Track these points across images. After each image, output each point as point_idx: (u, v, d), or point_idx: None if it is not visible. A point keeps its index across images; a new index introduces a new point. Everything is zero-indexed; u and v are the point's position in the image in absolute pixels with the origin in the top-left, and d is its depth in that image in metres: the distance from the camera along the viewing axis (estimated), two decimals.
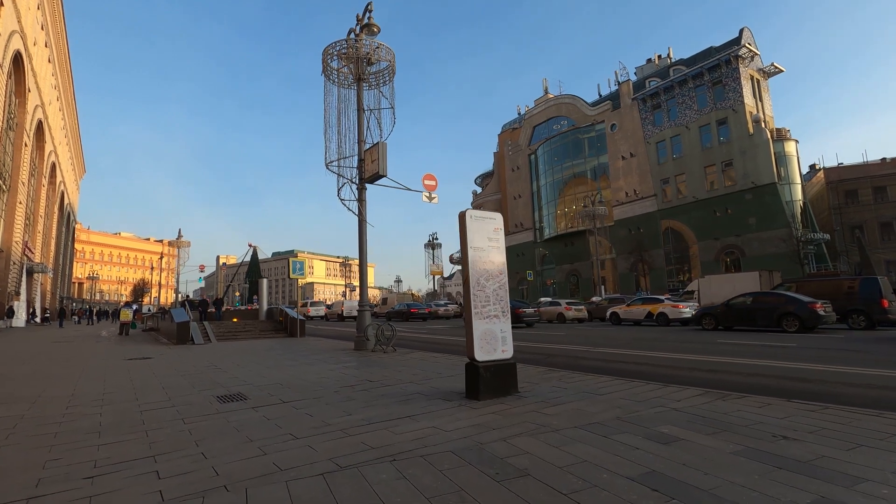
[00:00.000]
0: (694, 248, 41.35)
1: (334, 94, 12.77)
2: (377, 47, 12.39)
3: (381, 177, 11.61)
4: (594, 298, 37.95)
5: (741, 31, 39.89)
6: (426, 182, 13.00)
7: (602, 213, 38.20)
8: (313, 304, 40.89)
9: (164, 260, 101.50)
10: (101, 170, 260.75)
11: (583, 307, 26.89)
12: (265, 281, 20.01)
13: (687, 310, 21.43)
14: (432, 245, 64.34)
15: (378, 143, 11.64)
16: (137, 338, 19.74)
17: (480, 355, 5.55)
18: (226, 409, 5.33)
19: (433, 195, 13.25)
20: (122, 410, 5.40)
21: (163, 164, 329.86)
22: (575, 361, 9.37)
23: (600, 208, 37.61)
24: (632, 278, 45.85)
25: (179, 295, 56.38)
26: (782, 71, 40.84)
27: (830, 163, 53.68)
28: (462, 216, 5.85)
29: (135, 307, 30.93)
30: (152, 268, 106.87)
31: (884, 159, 42.33)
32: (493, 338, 5.75)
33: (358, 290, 12.98)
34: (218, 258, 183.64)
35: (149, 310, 48.99)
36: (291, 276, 19.07)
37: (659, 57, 52.85)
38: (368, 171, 11.81)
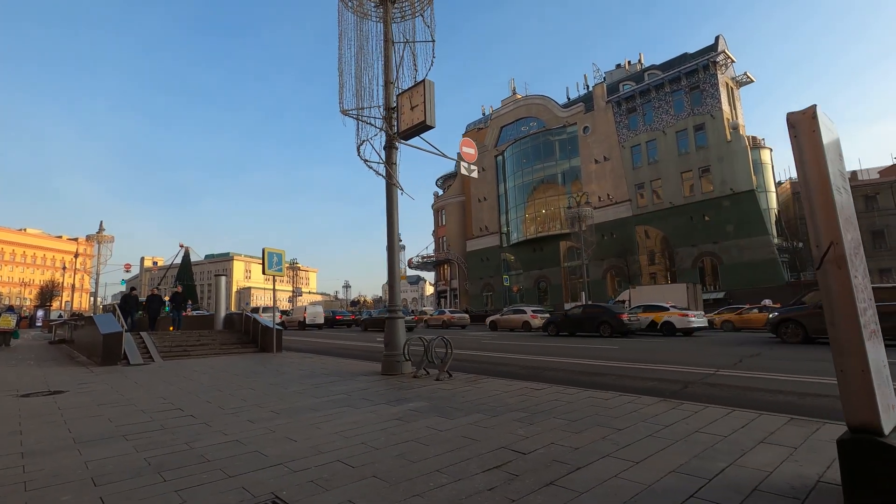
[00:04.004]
0: (670, 255, 40.58)
1: (351, 22, 9.33)
2: None
3: (427, 129, 8.28)
4: (567, 306, 36.41)
5: (717, 39, 39.96)
6: (465, 150, 9.89)
7: (588, 215, 36.28)
8: (265, 309, 35.84)
9: (80, 260, 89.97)
10: (6, 162, 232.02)
11: (548, 315, 25.32)
12: (224, 279, 15.71)
13: (695, 319, 20.11)
14: None
15: (423, 81, 8.29)
16: (41, 354, 14.76)
17: (888, 421, 2.47)
18: None
19: (472, 167, 10.14)
20: None
21: (83, 161, 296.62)
22: (712, 391, 6.48)
23: (586, 209, 35.64)
24: (604, 286, 44.56)
25: (99, 300, 48.86)
26: (753, 81, 41.45)
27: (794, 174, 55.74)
28: (810, 117, 2.74)
29: (17, 312, 24.93)
30: (64, 268, 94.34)
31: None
32: (881, 379, 2.69)
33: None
34: (142, 259, 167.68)
35: (60, 316, 41.57)
36: (267, 271, 15.18)
37: (629, 62, 52.75)
38: (406, 121, 8.42)
